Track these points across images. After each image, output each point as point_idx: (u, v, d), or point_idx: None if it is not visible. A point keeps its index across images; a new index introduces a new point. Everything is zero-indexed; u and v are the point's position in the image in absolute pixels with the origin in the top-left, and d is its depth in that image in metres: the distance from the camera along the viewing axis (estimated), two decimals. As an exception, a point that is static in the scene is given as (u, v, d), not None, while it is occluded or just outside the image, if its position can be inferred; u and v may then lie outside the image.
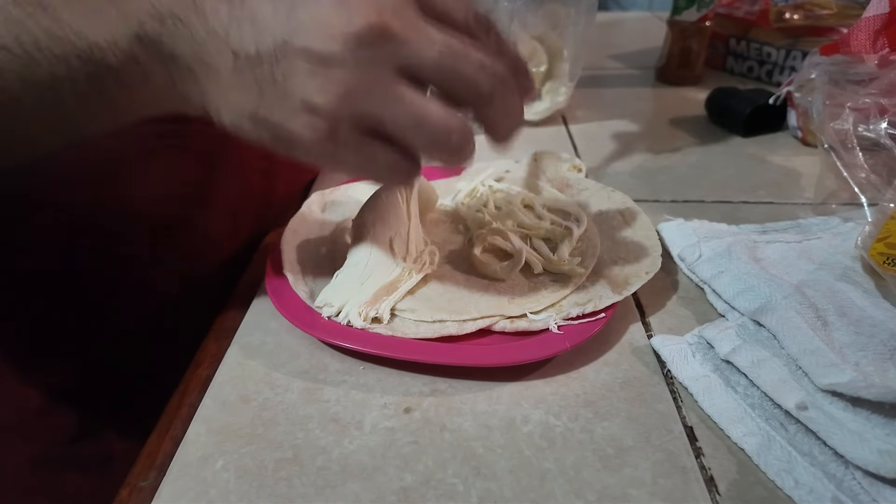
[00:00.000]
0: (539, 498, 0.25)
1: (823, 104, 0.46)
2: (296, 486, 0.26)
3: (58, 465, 0.44)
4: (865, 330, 0.30)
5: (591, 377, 0.31)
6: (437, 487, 0.26)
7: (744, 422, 0.28)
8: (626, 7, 1.59)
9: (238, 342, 0.34)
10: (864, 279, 0.35)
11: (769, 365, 0.29)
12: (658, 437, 0.28)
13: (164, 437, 0.29)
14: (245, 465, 0.27)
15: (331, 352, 0.33)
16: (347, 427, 0.29)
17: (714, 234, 0.40)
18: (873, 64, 0.45)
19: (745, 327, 0.32)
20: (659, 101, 0.72)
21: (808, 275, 0.35)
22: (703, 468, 0.26)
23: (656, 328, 0.35)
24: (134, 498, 0.26)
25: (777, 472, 0.26)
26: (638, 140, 0.60)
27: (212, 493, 0.26)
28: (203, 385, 0.31)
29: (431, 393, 0.30)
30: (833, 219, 0.42)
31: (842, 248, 0.38)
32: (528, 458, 0.27)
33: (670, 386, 0.31)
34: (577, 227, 0.40)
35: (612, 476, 0.26)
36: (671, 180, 0.52)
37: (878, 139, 0.42)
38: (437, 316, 0.33)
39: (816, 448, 0.26)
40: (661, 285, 0.38)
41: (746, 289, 0.33)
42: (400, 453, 0.27)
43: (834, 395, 0.27)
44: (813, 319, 0.30)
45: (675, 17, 0.72)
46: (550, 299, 0.34)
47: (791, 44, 0.70)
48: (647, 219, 0.41)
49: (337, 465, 0.27)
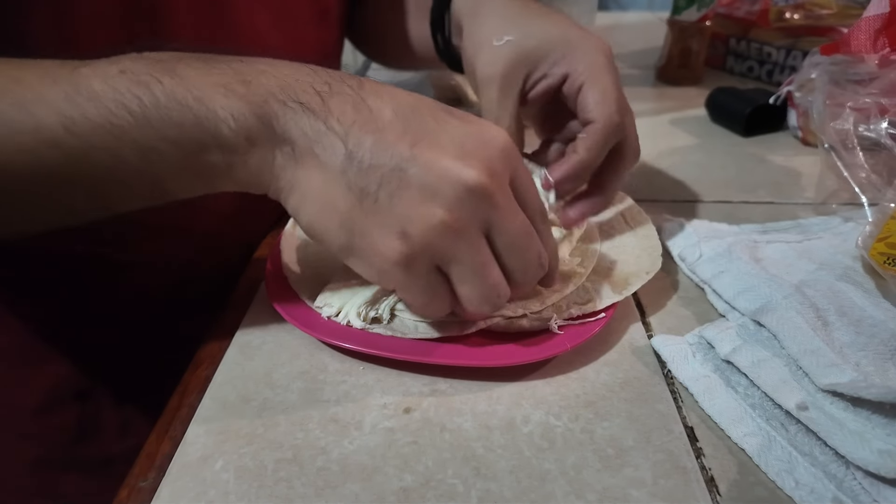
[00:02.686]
0: (539, 498, 0.25)
1: (824, 104, 0.46)
2: (295, 487, 0.26)
3: (57, 466, 0.44)
4: (866, 330, 0.30)
5: (592, 377, 0.31)
6: (437, 488, 0.26)
7: (744, 422, 0.28)
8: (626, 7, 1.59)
9: (238, 342, 0.34)
10: (865, 279, 0.35)
11: (770, 365, 0.29)
12: (658, 438, 0.28)
13: (163, 438, 0.29)
14: (245, 465, 0.27)
15: (331, 352, 0.33)
16: (347, 427, 0.29)
17: (714, 233, 0.40)
18: (874, 63, 0.45)
19: (746, 327, 0.32)
20: (659, 100, 0.72)
21: (809, 275, 0.35)
22: (703, 468, 0.26)
23: (657, 328, 0.35)
24: (133, 498, 0.26)
25: (777, 472, 0.26)
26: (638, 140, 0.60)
27: (211, 494, 0.26)
28: (203, 385, 0.31)
29: (431, 393, 0.30)
30: (833, 219, 0.42)
31: (842, 248, 0.38)
32: (528, 458, 0.27)
33: (671, 386, 0.31)
34: (577, 227, 0.40)
35: (613, 476, 0.26)
36: (671, 180, 0.52)
37: (878, 139, 0.42)
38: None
39: (817, 448, 0.26)
40: (661, 285, 0.38)
41: (747, 289, 0.33)
42: (400, 453, 0.27)
43: (834, 395, 0.27)
44: (813, 319, 0.30)
45: (676, 17, 0.72)
46: (550, 299, 0.34)
47: (791, 43, 0.70)
48: (648, 218, 0.41)
49: (336, 465, 0.27)
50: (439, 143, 0.27)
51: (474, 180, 0.26)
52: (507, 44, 0.36)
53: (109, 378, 0.47)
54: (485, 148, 0.27)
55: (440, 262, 0.28)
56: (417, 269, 0.27)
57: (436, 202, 0.26)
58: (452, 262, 0.27)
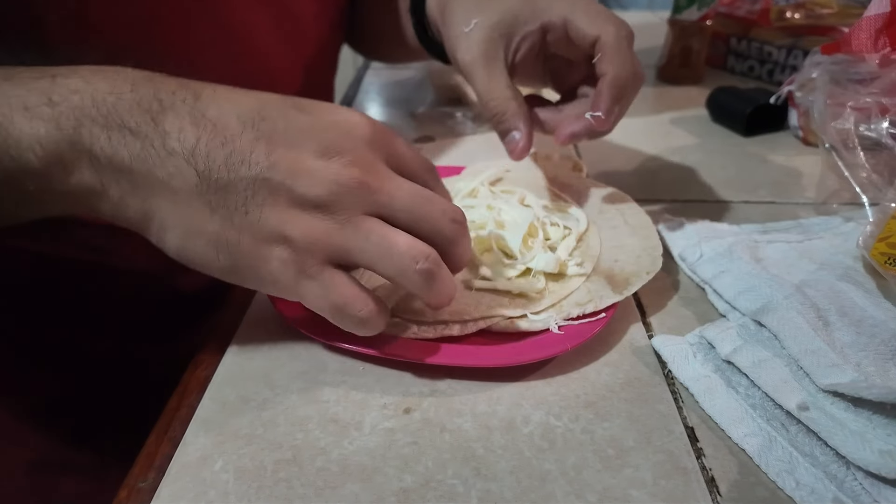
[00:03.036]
0: (539, 499, 0.25)
1: (825, 103, 0.46)
2: (295, 487, 0.26)
3: (57, 468, 0.44)
4: (867, 330, 0.30)
5: (592, 378, 0.31)
6: (437, 488, 0.26)
7: (745, 422, 0.28)
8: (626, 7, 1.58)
9: (237, 342, 0.34)
10: (866, 279, 0.35)
11: (770, 365, 0.29)
12: (659, 438, 0.28)
13: (162, 438, 0.29)
14: (244, 465, 0.27)
15: (330, 352, 0.33)
16: (347, 428, 0.29)
17: (715, 233, 0.40)
18: (875, 63, 0.45)
19: (746, 327, 0.32)
20: (659, 100, 0.72)
21: (810, 275, 0.35)
22: (704, 469, 0.26)
23: (657, 328, 0.35)
24: (133, 499, 0.26)
25: (778, 472, 0.26)
26: (638, 140, 0.60)
27: (211, 494, 0.26)
28: (202, 386, 0.31)
29: (431, 393, 0.30)
30: (834, 219, 0.42)
31: (843, 248, 0.38)
32: (528, 458, 0.27)
33: (671, 386, 0.31)
34: (577, 226, 0.40)
35: (613, 477, 0.26)
36: (671, 180, 0.52)
37: (879, 139, 0.42)
38: (438, 316, 0.33)
39: (818, 449, 0.26)
40: (661, 285, 0.38)
41: (747, 289, 0.33)
42: (400, 454, 0.27)
43: (835, 395, 0.27)
44: (814, 319, 0.30)
45: (676, 17, 0.72)
46: (550, 299, 0.34)
47: (792, 43, 0.70)
48: (648, 218, 0.41)
49: (336, 465, 0.27)
50: (297, 144, 0.26)
51: (343, 177, 0.25)
52: (475, 27, 0.37)
53: (108, 380, 0.47)
54: (347, 139, 0.27)
55: (337, 258, 0.27)
56: (312, 270, 0.26)
57: (313, 205, 0.25)
58: (352, 253, 0.27)
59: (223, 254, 0.26)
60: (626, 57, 0.36)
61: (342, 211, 0.26)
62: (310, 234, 0.25)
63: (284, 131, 0.26)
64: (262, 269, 0.26)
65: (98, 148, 0.24)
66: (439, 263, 0.28)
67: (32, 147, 0.24)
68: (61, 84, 0.25)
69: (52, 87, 0.24)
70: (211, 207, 0.25)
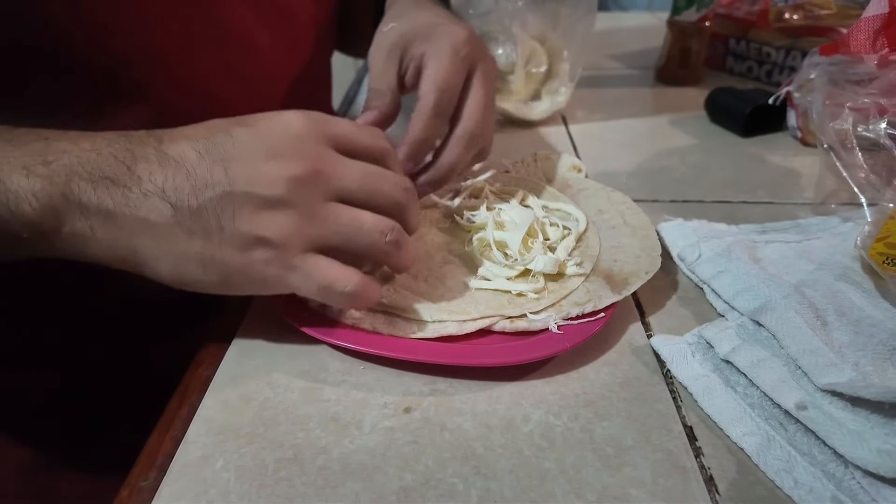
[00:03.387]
0: (539, 498, 0.25)
1: (823, 104, 0.46)
2: (296, 486, 0.26)
3: (56, 468, 0.44)
4: (865, 330, 0.30)
5: (591, 377, 0.31)
6: (437, 487, 0.26)
7: (743, 421, 0.28)
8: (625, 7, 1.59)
9: (238, 342, 0.34)
10: (864, 279, 0.35)
11: (769, 365, 0.29)
12: (658, 437, 0.28)
13: (164, 437, 0.29)
14: (245, 464, 0.27)
15: (331, 352, 0.33)
16: (347, 427, 0.29)
17: (714, 233, 0.40)
18: (873, 64, 0.45)
19: (745, 327, 0.32)
20: (659, 101, 0.72)
21: (808, 275, 0.35)
22: (702, 468, 0.27)
23: (656, 328, 0.35)
24: (134, 498, 0.26)
25: (776, 471, 0.26)
26: (638, 140, 0.60)
27: (212, 493, 0.26)
28: (203, 385, 0.31)
29: (431, 393, 0.31)
30: (832, 219, 0.42)
31: (841, 248, 0.38)
32: (528, 457, 0.27)
33: (670, 386, 0.31)
34: (576, 227, 0.40)
35: (612, 476, 0.26)
36: (671, 180, 0.52)
37: (877, 139, 0.42)
38: (437, 316, 0.33)
39: (816, 448, 0.26)
40: (660, 285, 0.38)
41: (746, 289, 0.33)
42: (400, 453, 0.27)
43: (833, 394, 0.27)
44: (812, 319, 0.30)
45: (675, 18, 0.72)
46: (550, 299, 0.34)
47: (790, 44, 0.70)
48: (647, 219, 0.41)
49: (337, 464, 0.27)
50: (247, 156, 0.29)
51: (295, 171, 0.28)
52: (391, 29, 0.42)
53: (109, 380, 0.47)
54: (288, 138, 0.30)
55: (313, 245, 0.29)
56: (293, 262, 0.29)
57: (276, 204, 0.28)
58: (324, 238, 0.29)
59: (211, 270, 0.29)
60: (432, 123, 0.39)
61: (304, 202, 0.29)
62: (283, 231, 0.28)
63: (234, 148, 0.29)
64: (250, 274, 0.29)
65: (86, 199, 0.27)
66: (402, 232, 0.31)
67: (28, 200, 0.27)
68: (54, 146, 0.28)
69: (47, 149, 0.28)
70: (190, 232, 0.28)
